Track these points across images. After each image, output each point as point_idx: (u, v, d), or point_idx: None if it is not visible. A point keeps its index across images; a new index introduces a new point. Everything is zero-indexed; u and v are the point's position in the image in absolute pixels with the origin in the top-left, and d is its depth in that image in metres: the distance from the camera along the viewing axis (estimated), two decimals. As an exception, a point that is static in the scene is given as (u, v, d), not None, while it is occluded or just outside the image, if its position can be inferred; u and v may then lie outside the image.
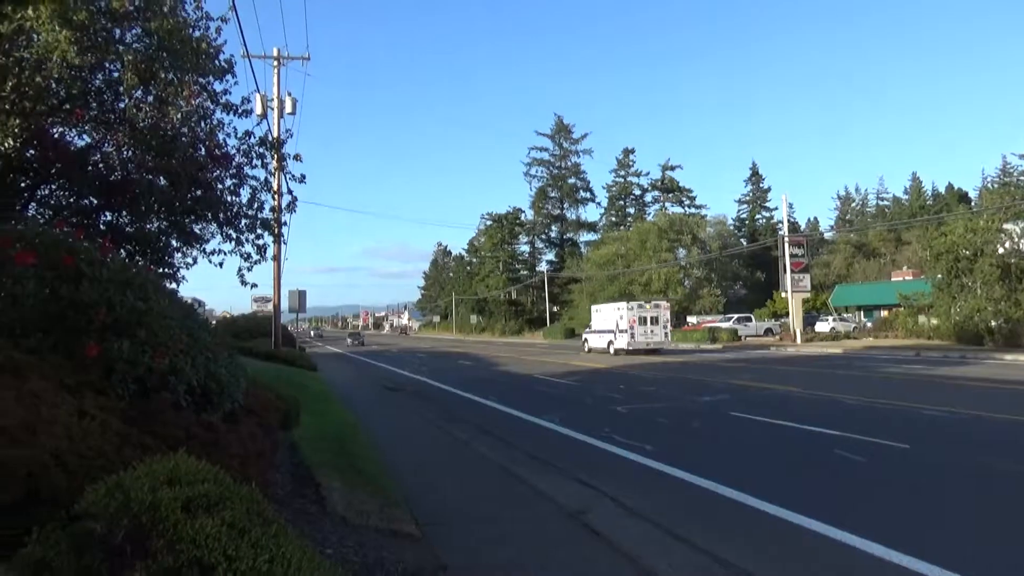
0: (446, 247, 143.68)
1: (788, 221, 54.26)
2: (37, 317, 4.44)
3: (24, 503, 3.11)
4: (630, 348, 36.56)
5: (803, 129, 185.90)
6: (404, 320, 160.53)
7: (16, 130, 10.54)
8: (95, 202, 11.13)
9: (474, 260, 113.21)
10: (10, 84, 10.50)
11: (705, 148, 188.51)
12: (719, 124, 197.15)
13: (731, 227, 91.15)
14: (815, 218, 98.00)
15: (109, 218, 11.40)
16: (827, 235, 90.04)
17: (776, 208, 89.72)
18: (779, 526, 6.47)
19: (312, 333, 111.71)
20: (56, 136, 11.05)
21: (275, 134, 16.85)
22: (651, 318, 37.53)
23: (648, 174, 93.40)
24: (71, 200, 11.13)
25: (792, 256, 47.52)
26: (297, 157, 15.06)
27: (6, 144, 10.47)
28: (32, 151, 10.69)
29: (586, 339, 42.62)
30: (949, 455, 9.41)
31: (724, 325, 54.05)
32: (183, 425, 4.40)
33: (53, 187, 11.29)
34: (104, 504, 2.78)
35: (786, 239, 48.54)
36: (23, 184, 11.02)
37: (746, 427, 12.16)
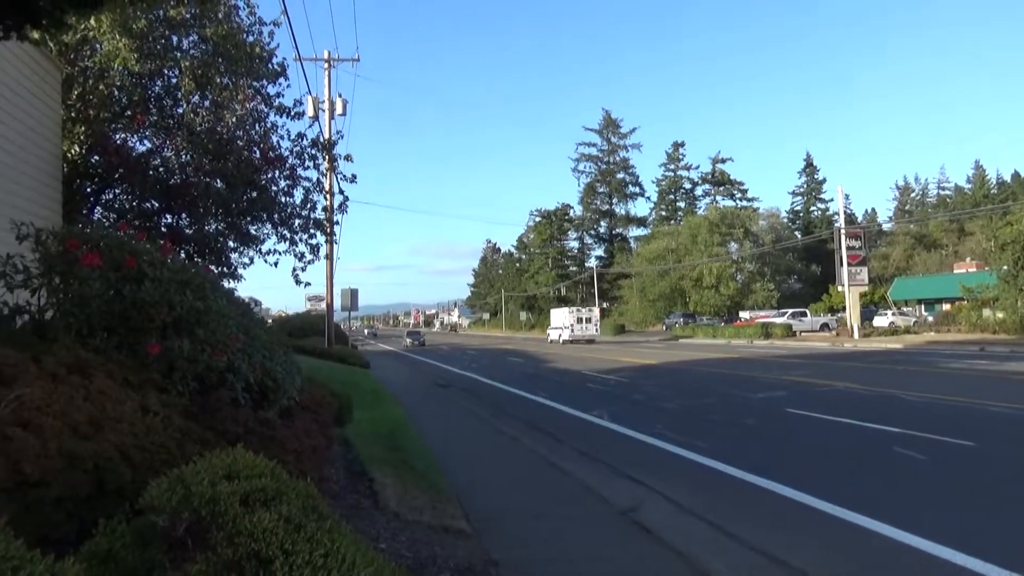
0: (495, 244, 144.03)
1: (844, 213, 52.82)
2: (102, 317, 4.60)
3: (91, 496, 3.23)
4: (571, 339, 53.37)
5: (859, 118, 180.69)
6: (454, 317, 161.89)
7: (81, 137, 10.97)
8: (156, 205, 11.51)
9: (523, 257, 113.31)
10: (75, 92, 10.93)
11: (757, 140, 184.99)
12: (771, 115, 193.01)
13: (784, 220, 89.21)
14: (872, 209, 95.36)
15: (169, 220, 11.78)
16: (885, 226, 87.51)
17: (831, 200, 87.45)
18: (837, 525, 6.30)
19: (366, 331, 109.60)
20: (119, 142, 11.47)
21: (326, 135, 17.18)
22: (586, 319, 56.08)
23: (698, 167, 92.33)
24: (133, 203, 11.53)
25: (849, 248, 46.28)
26: (348, 158, 15.34)
27: (72, 151, 10.90)
28: (96, 157, 11.10)
29: (548, 333, 59.60)
30: (1018, 452, 9.04)
31: (778, 320, 52.94)
32: (241, 421, 4.51)
33: (116, 191, 11.71)
34: (166, 497, 2.87)
35: (842, 231, 47.30)
36: (88, 189, 11.46)
37: (803, 424, 11.90)
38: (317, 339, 32.84)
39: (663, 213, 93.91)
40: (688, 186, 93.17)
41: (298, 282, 14.55)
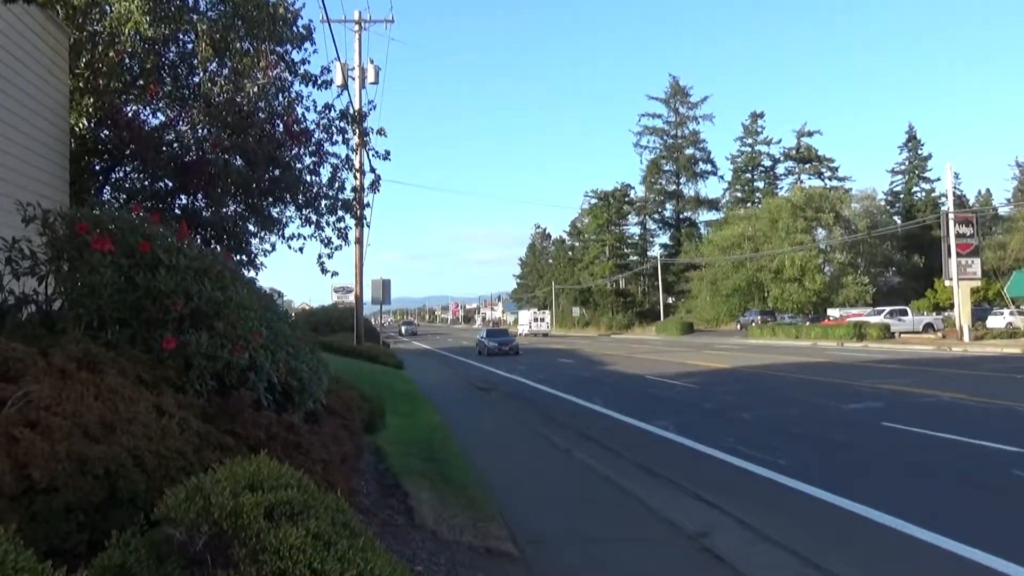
0: (545, 230, 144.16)
1: (953, 194, 51.29)
2: (114, 308, 4.74)
3: (103, 505, 3.33)
4: (529, 332, 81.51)
5: (972, 84, 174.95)
6: (497, 313, 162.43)
7: (90, 109, 11.29)
8: (169, 184, 11.79)
9: (576, 244, 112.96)
10: (83, 60, 11.25)
11: (849, 109, 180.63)
12: (867, 80, 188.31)
13: (882, 202, 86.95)
14: (987, 190, 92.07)
15: (184, 202, 12.06)
16: (1002, 211, 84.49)
17: (938, 179, 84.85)
18: (944, 560, 6.15)
19: (403, 328, 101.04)
20: (130, 115, 11.76)
21: (356, 106, 17.33)
22: (540, 319, 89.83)
23: (780, 142, 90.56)
24: (145, 183, 11.83)
25: (958, 236, 44.95)
26: (381, 131, 15.45)
27: (80, 124, 11.23)
28: (106, 131, 11.41)
29: (518, 328, 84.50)
30: None
31: (873, 319, 51.76)
32: (264, 425, 4.60)
33: (127, 169, 12.03)
34: (184, 509, 2.94)
35: (951, 216, 45.96)
36: (97, 166, 11.80)
37: (902, 440, 11.63)
38: (345, 335, 33.30)
39: (738, 194, 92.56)
40: (768, 163, 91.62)
41: (324, 271, 14.77)
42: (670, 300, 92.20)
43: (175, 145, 11.85)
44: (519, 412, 16.18)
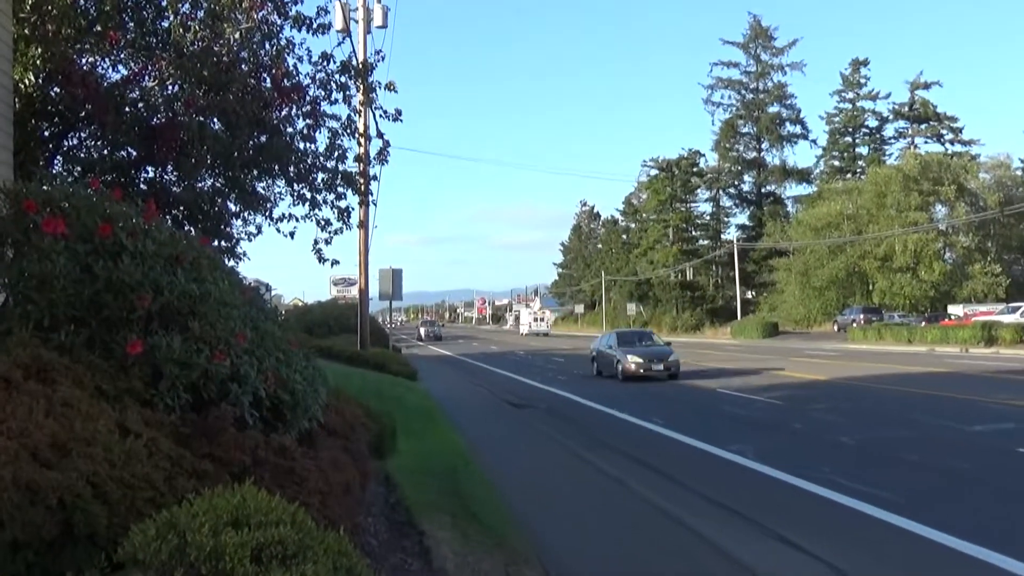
0: (592, 208, 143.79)
1: (1111, 162, 50.24)
2: (68, 303, 4.82)
3: (57, 542, 3.40)
4: (530, 332, 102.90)
5: None
6: (534, 310, 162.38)
7: (38, 62, 11.41)
8: (134, 154, 11.93)
9: (632, 226, 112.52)
10: (29, 2, 11.38)
11: (978, 56, 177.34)
12: (1000, 19, 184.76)
13: (1018, 173, 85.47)
14: None
15: (151, 174, 12.20)
16: None
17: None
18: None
19: (422, 331, 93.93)
20: (86, 68, 11.90)
21: (360, 56, 17.43)
22: (540, 319, 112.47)
23: (889, 96, 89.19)
24: (105, 151, 11.98)
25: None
26: (390, 86, 15.49)
27: (26, 80, 11.36)
28: (57, 88, 11.56)
29: (520, 328, 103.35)
30: None
31: (1006, 319, 50.87)
32: (249, 448, 4.66)
33: (83, 135, 12.19)
34: (154, 548, 2.99)
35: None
36: (47, 132, 11.96)
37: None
38: (346, 338, 33.60)
39: (835, 163, 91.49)
40: (873, 123, 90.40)
41: (321, 259, 14.87)
42: (749, 295, 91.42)
43: (140, 105, 11.95)
44: (560, 433, 16.20)
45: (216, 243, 12.42)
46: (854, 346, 51.25)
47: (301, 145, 13.40)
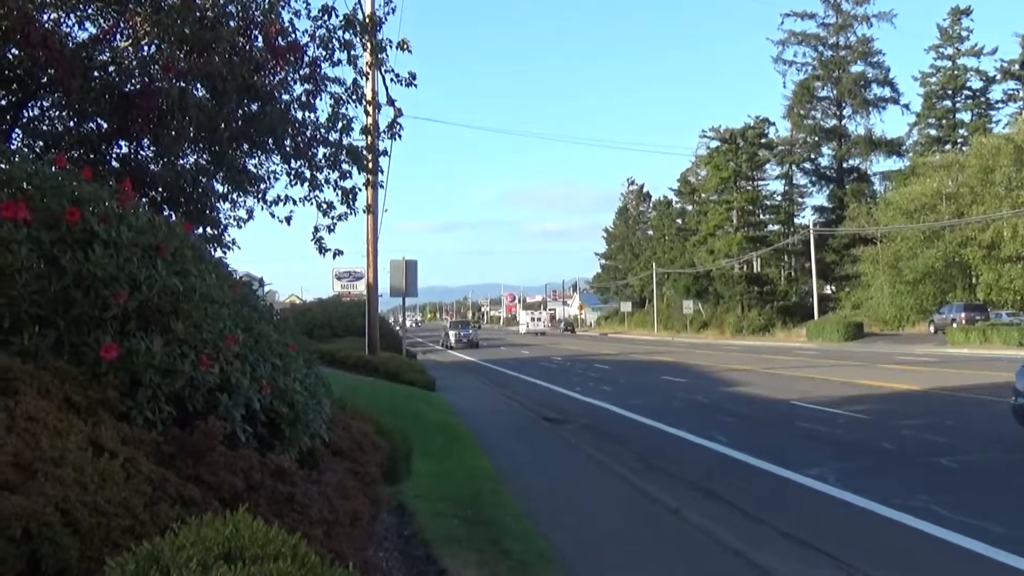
0: (642, 187, 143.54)
1: None
2: (31, 301, 4.86)
3: (22, 578, 3.44)
4: (526, 332, 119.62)
5: None
6: (572, 308, 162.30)
7: (-8, 20, 11.52)
8: (104, 126, 12.01)
9: (689, 208, 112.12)
10: (-17, -51, 11.49)
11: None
12: None
13: None
14: None
15: (125, 150, 12.29)
16: None
17: None
18: None
19: (452, 336, 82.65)
20: (47, 26, 11.98)
21: (367, 8, 17.40)
22: (537, 318, 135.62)
23: (996, 52, 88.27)
24: (71, 123, 12.08)
25: None
26: (403, 45, 15.47)
27: (-21, 42, 11.49)
28: (14, 50, 11.65)
29: (519, 328, 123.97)
30: None
31: None
32: (242, 470, 4.69)
33: (45, 104, 12.29)
34: (134, 586, 3.02)
35: None
36: (3, 101, 12.07)
37: None
38: (352, 342, 33.72)
39: (932, 132, 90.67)
40: (977, 84, 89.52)
41: (323, 249, 14.90)
42: (828, 290, 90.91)
43: (111, 69, 12.03)
44: (604, 453, 16.16)
45: (200, 230, 12.50)
46: (954, 350, 50.81)
47: (299, 114, 13.42)
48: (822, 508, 11.48)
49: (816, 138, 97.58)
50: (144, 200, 11.06)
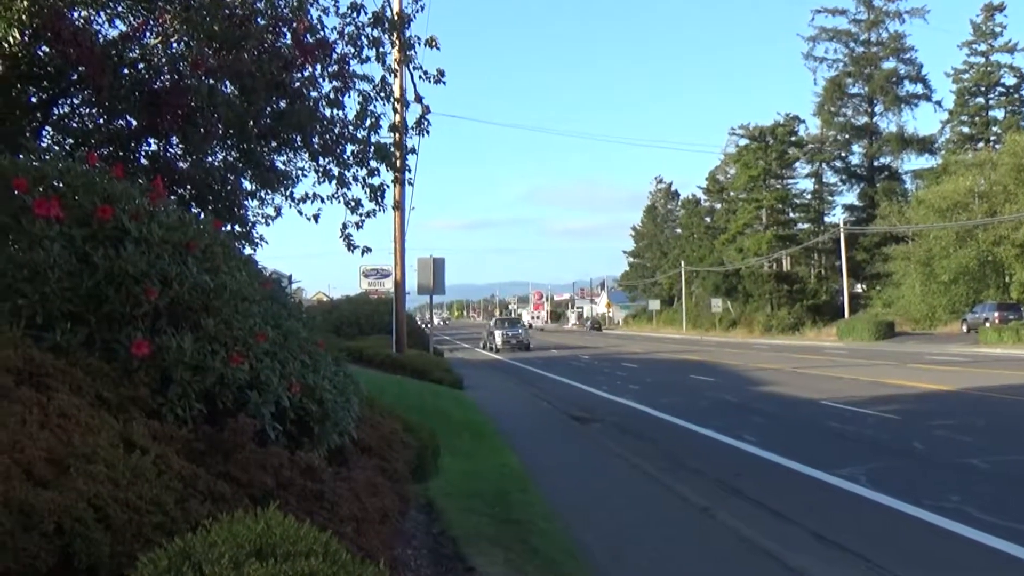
0: (670, 185, 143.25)
1: None
2: (63, 298, 4.91)
3: (54, 572, 3.47)
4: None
5: None
6: (599, 306, 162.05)
7: (23, 16, 11.59)
8: (133, 123, 12.09)
9: (717, 207, 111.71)
10: (14, -52, 11.57)
11: None
12: None
13: None
14: None
15: (154, 147, 12.36)
16: None
17: None
18: None
19: (498, 336, 70.04)
20: (78, 24, 12.06)
21: (396, 6, 17.44)
22: (537, 316, 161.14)
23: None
24: (100, 120, 12.17)
25: None
26: (431, 42, 15.49)
27: (10, 39, 11.56)
28: (45, 47, 11.74)
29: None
30: None
31: None
32: (272, 467, 4.72)
33: (75, 101, 12.39)
34: (166, 582, 3.04)
35: None
36: (34, 98, 12.17)
37: None
38: (378, 340, 33.78)
39: (964, 129, 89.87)
40: (1010, 81, 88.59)
41: (351, 246, 14.96)
42: (859, 288, 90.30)
43: (140, 66, 12.10)
44: (633, 452, 16.15)
45: (229, 227, 12.57)
46: (987, 350, 50.41)
47: (327, 112, 13.48)
48: (853, 509, 11.42)
49: (847, 136, 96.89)
50: (173, 198, 11.14)
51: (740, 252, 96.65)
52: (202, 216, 10.40)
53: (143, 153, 12.30)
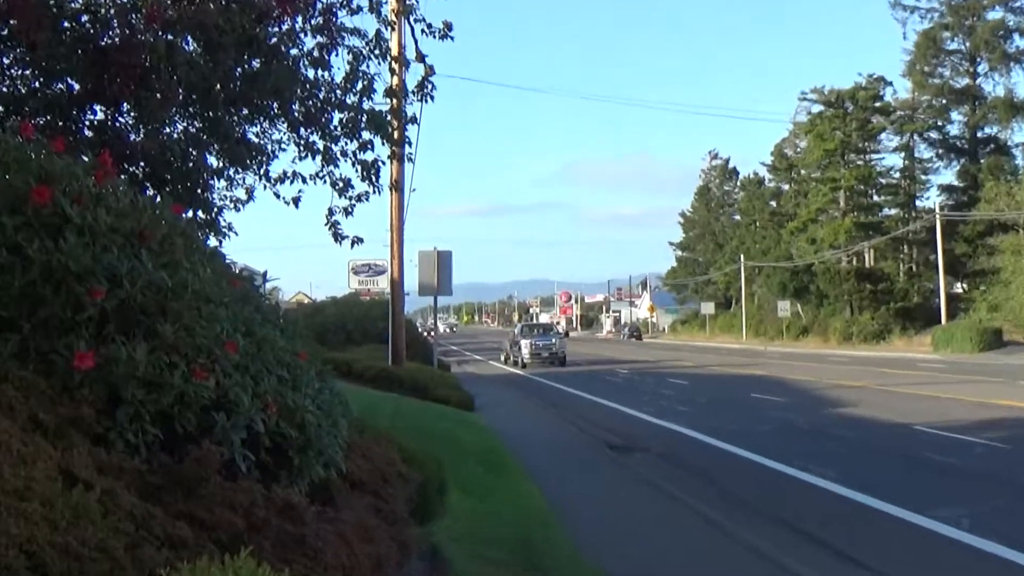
0: (727, 162, 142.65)
1: None
2: (-10, 300, 4.92)
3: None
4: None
5: None
6: (642, 309, 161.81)
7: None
8: (75, 87, 12.10)
9: (785, 188, 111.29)
10: None
11: None
12: None
13: None
14: None
15: (101, 116, 12.35)
16: None
17: None
18: None
19: (527, 347, 64.73)
20: (9, -33, 12.11)
21: (393, -57, 17.43)
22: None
23: None
24: (36, 84, 12.17)
25: None
26: (436, -12, 15.50)
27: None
28: (-31, -5, 11.78)
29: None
30: None
31: None
32: (243, 505, 4.72)
33: (5, 61, 12.40)
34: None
35: None
36: (-44, 57, 12.20)
37: None
38: (373, 350, 33.79)
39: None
40: None
41: (339, 237, 14.90)
42: (958, 288, 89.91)
43: (84, 19, 12.11)
44: (682, 488, 16.09)
45: (191, 213, 12.56)
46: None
47: (309, 73, 13.42)
48: (958, 560, 11.37)
49: (944, 101, 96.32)
50: (123, 177, 11.13)
51: (812, 243, 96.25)
52: (159, 199, 10.42)
53: (88, 123, 12.27)
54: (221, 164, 13.38)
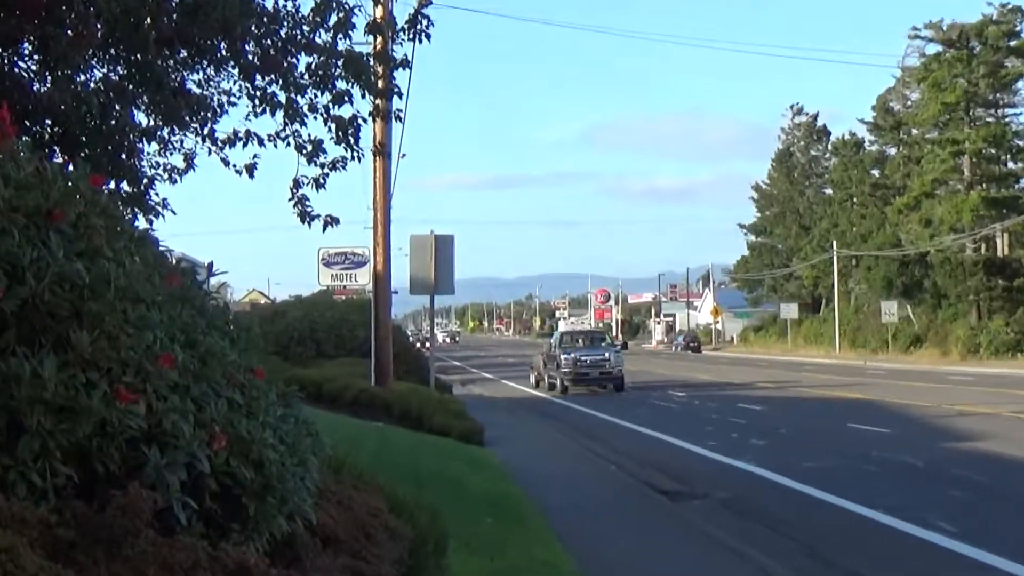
0: (814, 118, 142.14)
1: None
2: None
3: None
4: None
5: None
6: (704, 312, 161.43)
7: None
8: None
9: (891, 152, 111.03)
10: None
11: None
12: None
13: None
14: None
15: (-2, 64, 12.42)
16: None
17: None
18: None
19: (574, 363, 61.12)
20: None
21: None
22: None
23: None
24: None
25: None
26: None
27: None
28: None
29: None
30: None
31: None
32: (183, 566, 4.73)
33: None
34: None
35: None
36: None
37: None
38: (350, 365, 33.79)
39: None
40: None
41: (306, 217, 14.88)
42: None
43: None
44: (757, 548, 16.04)
45: (114, 185, 12.58)
46: None
47: (268, 2, 13.43)
48: None
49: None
50: (26, 138, 11.15)
51: (928, 226, 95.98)
52: (72, 168, 10.45)
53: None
54: (152, 122, 13.36)
